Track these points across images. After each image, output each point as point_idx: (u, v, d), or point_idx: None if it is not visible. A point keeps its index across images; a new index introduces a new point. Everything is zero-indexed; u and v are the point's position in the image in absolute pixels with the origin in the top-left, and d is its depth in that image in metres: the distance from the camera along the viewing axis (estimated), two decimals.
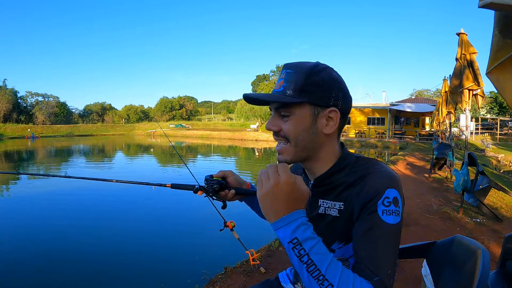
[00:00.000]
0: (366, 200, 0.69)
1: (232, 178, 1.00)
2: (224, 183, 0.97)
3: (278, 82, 0.75)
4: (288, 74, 0.74)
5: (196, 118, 68.88)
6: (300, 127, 0.73)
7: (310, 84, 0.72)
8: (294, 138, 0.74)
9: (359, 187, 0.71)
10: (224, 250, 4.01)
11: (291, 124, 0.74)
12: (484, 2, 0.89)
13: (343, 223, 0.74)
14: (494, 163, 10.74)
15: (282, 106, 0.73)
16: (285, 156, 0.77)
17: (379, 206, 0.67)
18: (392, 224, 0.67)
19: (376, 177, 0.70)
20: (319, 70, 0.73)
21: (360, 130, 27.07)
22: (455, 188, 4.38)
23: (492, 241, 3.32)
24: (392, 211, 0.67)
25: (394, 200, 0.68)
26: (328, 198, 0.78)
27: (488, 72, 1.24)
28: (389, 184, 0.69)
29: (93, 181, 1.21)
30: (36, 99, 51.33)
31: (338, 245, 0.77)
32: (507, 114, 33.51)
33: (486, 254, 0.89)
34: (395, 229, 0.67)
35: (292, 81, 0.73)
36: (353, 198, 0.72)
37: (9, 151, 22.20)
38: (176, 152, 17.11)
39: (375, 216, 0.67)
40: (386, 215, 0.67)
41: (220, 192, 0.97)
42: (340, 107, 0.75)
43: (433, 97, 42.33)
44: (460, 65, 5.02)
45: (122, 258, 3.98)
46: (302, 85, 0.72)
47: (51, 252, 4.24)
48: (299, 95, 0.72)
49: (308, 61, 0.76)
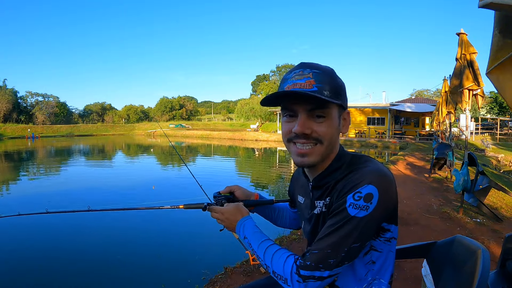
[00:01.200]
0: (341, 193, 0.71)
1: (239, 192, 1.05)
2: (231, 198, 1.03)
3: (305, 80, 0.72)
4: (317, 75, 0.73)
5: (196, 118, 68.87)
6: (334, 128, 0.76)
7: (339, 86, 0.75)
8: (328, 139, 0.75)
9: (342, 182, 0.73)
10: (224, 250, 4.01)
11: (327, 125, 0.74)
12: (484, 2, 0.89)
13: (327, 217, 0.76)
14: (494, 163, 10.74)
15: (319, 106, 0.73)
16: (314, 157, 0.76)
17: (348, 199, 0.69)
18: (353, 216, 0.68)
19: (359, 172, 0.71)
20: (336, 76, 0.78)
21: (360, 130, 27.07)
22: (455, 188, 4.38)
23: (492, 241, 3.32)
24: (359, 206, 0.68)
25: (366, 196, 0.68)
26: (321, 198, 0.81)
27: (488, 72, 1.24)
28: (369, 180, 0.69)
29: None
30: (36, 99, 51.33)
31: None
32: (507, 114, 33.51)
33: (486, 254, 0.89)
34: (355, 221, 0.67)
35: (325, 82, 0.72)
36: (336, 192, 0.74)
37: (9, 151, 22.20)
38: (176, 152, 17.10)
39: (342, 207, 0.69)
40: (351, 208, 0.68)
41: None
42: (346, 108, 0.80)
43: (433, 97, 42.33)
44: (460, 65, 5.02)
45: (122, 258, 3.99)
46: (336, 87, 0.74)
47: (51, 252, 4.24)
48: (336, 96, 0.74)
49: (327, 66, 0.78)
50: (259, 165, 14.52)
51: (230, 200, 1.02)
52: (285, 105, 0.76)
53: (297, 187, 0.98)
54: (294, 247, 3.31)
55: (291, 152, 0.80)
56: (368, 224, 0.68)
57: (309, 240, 0.88)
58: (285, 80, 0.76)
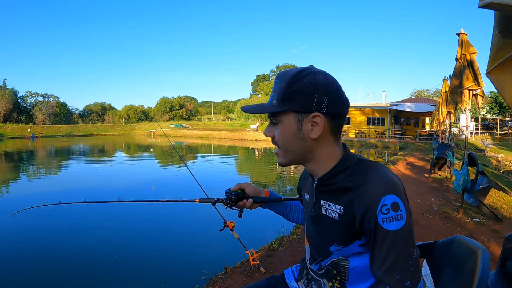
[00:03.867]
0: (365, 210, 0.70)
1: (250, 189, 1.08)
2: (241, 194, 1.06)
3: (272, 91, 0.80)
4: (276, 84, 0.78)
5: (196, 118, 68.86)
6: (287, 134, 0.77)
7: (291, 92, 0.74)
8: (283, 144, 0.78)
9: (358, 193, 0.72)
10: (224, 250, 4.01)
11: (280, 131, 0.78)
12: (484, 2, 0.89)
13: (343, 228, 0.75)
14: (494, 163, 10.74)
15: (271, 115, 0.78)
16: (280, 159, 0.82)
17: (378, 216, 0.68)
18: (396, 230, 0.67)
19: (374, 184, 0.70)
20: (302, 76, 0.74)
21: (360, 130, 27.07)
22: (455, 188, 4.38)
23: (492, 241, 3.32)
24: (392, 217, 0.67)
25: (392, 205, 0.68)
26: (328, 200, 0.79)
27: (488, 72, 1.24)
28: (386, 191, 0.69)
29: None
30: (36, 99, 51.34)
31: (336, 247, 0.77)
32: (507, 114, 33.51)
33: (486, 254, 0.89)
34: (400, 233, 0.67)
35: (276, 91, 0.76)
36: (353, 204, 0.72)
37: (9, 151, 22.20)
38: (176, 152, 17.11)
39: (377, 227, 0.68)
40: (387, 223, 0.67)
41: (238, 202, 1.06)
42: (325, 111, 0.73)
43: (433, 97, 42.32)
44: (460, 65, 5.01)
45: (122, 258, 3.99)
46: (284, 94, 0.75)
47: (51, 251, 4.24)
48: (281, 104, 0.75)
49: (298, 68, 0.76)
50: (259, 165, 14.52)
51: (240, 196, 1.05)
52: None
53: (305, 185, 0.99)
54: (294, 247, 3.31)
55: None
56: (409, 228, 0.69)
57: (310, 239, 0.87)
58: None
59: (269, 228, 4.27)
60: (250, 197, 1.06)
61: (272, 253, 3.21)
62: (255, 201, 1.06)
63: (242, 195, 1.06)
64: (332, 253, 0.79)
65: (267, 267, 2.85)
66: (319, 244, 0.82)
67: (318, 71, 0.75)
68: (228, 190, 1.08)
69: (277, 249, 3.28)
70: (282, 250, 3.27)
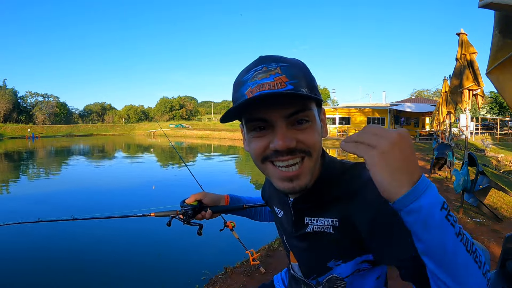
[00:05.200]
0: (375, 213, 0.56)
1: (207, 199, 0.98)
2: (198, 207, 0.96)
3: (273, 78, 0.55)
4: (286, 68, 0.56)
5: (196, 118, 68.89)
6: (318, 133, 0.59)
7: (314, 80, 0.60)
8: (317, 148, 0.59)
9: (357, 200, 0.60)
10: (224, 250, 4.01)
11: (312, 131, 0.58)
12: (484, 2, 0.89)
13: (342, 241, 0.64)
14: (494, 163, 10.74)
15: (301, 109, 0.56)
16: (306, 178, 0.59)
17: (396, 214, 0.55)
18: None
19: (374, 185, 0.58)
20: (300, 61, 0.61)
21: None
22: (455, 188, 4.38)
23: (492, 241, 3.32)
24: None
25: None
26: (315, 215, 0.66)
27: (488, 72, 1.24)
28: None
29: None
30: (36, 99, 51.40)
31: (335, 262, 0.67)
32: (507, 114, 33.51)
33: (486, 254, 0.89)
34: None
35: (300, 76, 0.56)
36: (352, 213, 0.60)
37: (9, 151, 22.19)
38: (176, 152, 17.11)
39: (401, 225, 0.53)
40: None
41: (196, 215, 0.97)
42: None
43: (433, 97, 42.34)
44: (460, 65, 5.02)
45: (122, 258, 3.98)
46: (312, 81, 0.59)
47: (51, 251, 4.24)
48: (314, 92, 0.58)
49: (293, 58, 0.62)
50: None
51: (196, 210, 0.96)
52: (251, 116, 0.57)
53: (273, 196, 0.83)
54: None
55: (270, 176, 0.61)
56: None
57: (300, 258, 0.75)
58: (243, 83, 0.58)
59: (269, 228, 4.25)
60: (209, 208, 0.97)
61: (272, 253, 3.21)
62: (214, 212, 0.97)
63: (200, 207, 0.97)
64: (332, 268, 0.67)
65: (267, 267, 2.85)
66: (314, 261, 0.70)
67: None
68: (182, 203, 0.97)
69: (277, 249, 3.29)
70: (282, 250, 3.27)
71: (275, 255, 3.15)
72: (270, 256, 3.12)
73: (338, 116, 28.47)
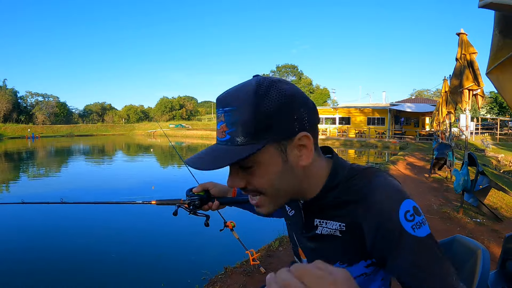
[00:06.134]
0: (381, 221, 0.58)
1: (215, 189, 0.97)
2: (205, 197, 0.95)
3: (219, 126, 0.58)
4: (227, 115, 0.56)
5: (196, 118, 68.89)
6: (272, 174, 0.58)
7: (263, 118, 0.54)
8: (270, 189, 0.60)
9: (364, 206, 0.61)
10: (224, 250, 4.01)
11: (259, 175, 0.58)
12: (484, 2, 0.89)
13: (348, 245, 0.65)
14: (494, 163, 10.74)
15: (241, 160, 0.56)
16: (265, 208, 0.63)
17: (404, 224, 0.57)
18: (428, 236, 0.58)
19: (382, 192, 0.60)
20: (265, 92, 0.55)
21: (360, 130, 27.08)
22: (455, 188, 4.39)
23: (492, 241, 3.32)
24: (420, 222, 0.58)
25: (414, 210, 0.58)
26: (324, 218, 0.67)
27: (488, 72, 1.24)
28: (400, 197, 0.59)
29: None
30: (36, 99, 51.40)
31: (340, 265, 0.67)
32: (507, 114, 33.52)
33: (486, 254, 0.89)
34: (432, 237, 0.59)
35: (237, 123, 0.55)
36: (359, 219, 0.61)
37: (9, 151, 22.19)
38: (176, 152, 17.11)
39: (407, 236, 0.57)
40: (417, 230, 0.57)
41: (203, 206, 0.96)
42: (308, 127, 0.58)
43: (433, 97, 42.36)
44: (460, 65, 5.02)
45: (122, 258, 3.99)
46: (254, 124, 0.54)
47: (51, 251, 4.24)
48: (254, 139, 0.55)
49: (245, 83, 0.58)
50: None
51: (204, 199, 0.94)
52: None
53: None
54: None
55: None
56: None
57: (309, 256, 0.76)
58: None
59: (269, 228, 4.27)
60: (216, 199, 0.96)
61: (272, 253, 3.21)
62: (221, 203, 0.96)
63: (207, 197, 0.95)
64: None
65: (267, 267, 2.85)
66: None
67: (277, 80, 0.58)
68: (189, 192, 0.95)
69: (277, 249, 3.29)
70: (282, 250, 3.27)
71: (275, 255, 3.15)
72: (270, 256, 3.12)
73: (338, 116, 28.49)
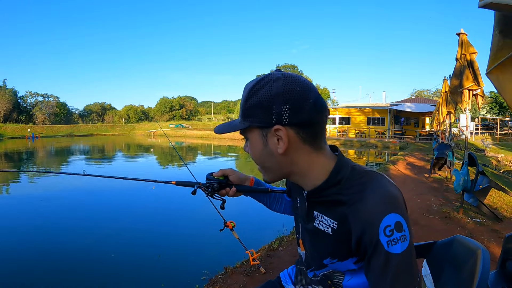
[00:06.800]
0: (364, 228, 0.63)
1: (234, 176, 1.01)
2: (224, 182, 0.98)
3: None
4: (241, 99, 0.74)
5: (196, 118, 68.89)
6: (257, 150, 0.73)
7: (249, 107, 0.69)
8: (256, 160, 0.76)
9: (355, 208, 0.65)
10: (224, 250, 4.01)
11: (250, 148, 0.75)
12: (484, 2, 0.89)
13: (337, 243, 0.70)
14: (494, 163, 10.74)
15: (241, 132, 0.74)
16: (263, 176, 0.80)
17: (381, 237, 0.61)
18: (400, 253, 0.61)
19: (373, 200, 0.64)
20: (258, 88, 0.68)
21: (360, 130, 27.07)
22: (455, 188, 4.39)
23: (492, 241, 3.32)
24: (397, 239, 0.61)
25: (396, 225, 0.62)
26: (322, 211, 0.73)
27: (488, 72, 1.24)
28: (387, 209, 0.62)
29: (94, 179, 1.22)
30: (36, 99, 51.36)
31: (331, 260, 0.73)
32: (507, 114, 33.52)
33: (486, 254, 0.89)
34: (405, 255, 0.62)
35: (240, 107, 0.73)
36: (349, 220, 0.66)
37: (9, 151, 22.19)
38: (176, 152, 17.12)
39: (380, 249, 0.62)
40: (391, 246, 0.61)
41: (221, 190, 0.99)
42: (287, 122, 0.66)
43: (433, 97, 42.35)
44: (460, 65, 5.02)
45: (122, 258, 3.99)
46: (244, 110, 0.71)
47: (51, 250, 4.24)
48: (244, 120, 0.71)
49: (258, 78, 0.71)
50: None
51: (223, 184, 0.97)
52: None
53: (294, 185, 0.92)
54: (294, 246, 3.31)
55: None
56: (412, 248, 0.64)
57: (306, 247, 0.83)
58: None
59: (269, 228, 4.27)
60: (234, 185, 1.00)
61: (272, 253, 3.21)
62: (239, 190, 1.00)
63: (226, 183, 0.98)
64: (327, 266, 0.74)
65: (267, 267, 2.85)
66: (313, 255, 0.78)
67: (278, 78, 0.67)
68: (209, 175, 0.99)
69: (277, 249, 3.29)
70: (282, 250, 3.27)
71: (275, 255, 3.15)
72: (270, 256, 3.12)
73: (338, 116, 28.46)
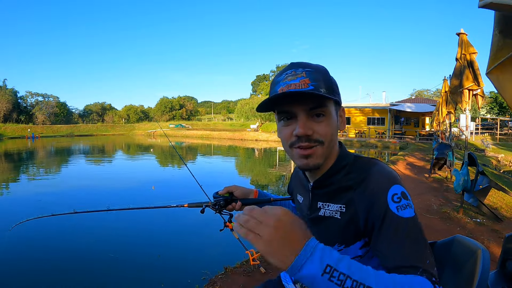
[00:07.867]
0: (372, 201, 0.68)
1: (238, 191, 1.07)
2: (229, 198, 1.05)
3: (299, 80, 0.70)
4: (310, 73, 0.71)
5: (196, 118, 68.90)
6: (333, 126, 0.74)
7: (333, 83, 0.75)
8: (329, 138, 0.73)
9: (360, 189, 0.70)
10: (224, 250, 4.01)
11: (326, 124, 0.72)
12: (484, 2, 0.89)
13: (345, 227, 0.73)
14: (494, 163, 10.74)
15: (318, 105, 0.70)
16: (318, 159, 0.73)
17: (390, 204, 0.66)
18: (410, 218, 0.65)
19: (377, 177, 0.70)
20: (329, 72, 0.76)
21: (360, 130, 27.06)
22: (455, 188, 4.38)
23: (492, 241, 3.32)
24: (405, 205, 0.66)
25: (402, 194, 0.67)
26: (327, 201, 0.77)
27: (488, 72, 1.24)
28: (392, 181, 0.68)
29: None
30: (36, 99, 51.35)
31: (338, 247, 0.75)
32: (507, 114, 33.51)
33: (486, 254, 0.89)
34: (415, 220, 0.66)
35: (320, 80, 0.71)
36: (355, 201, 0.71)
37: (9, 151, 22.19)
38: (176, 152, 17.11)
39: (391, 216, 0.65)
40: (401, 211, 0.65)
41: (227, 206, 1.06)
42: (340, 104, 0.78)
43: (433, 97, 42.34)
44: (460, 65, 5.01)
45: (122, 258, 3.98)
46: (330, 84, 0.73)
47: (50, 250, 4.24)
48: (331, 93, 0.72)
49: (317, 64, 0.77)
50: (259, 165, 14.51)
51: (228, 201, 1.03)
52: (281, 109, 0.73)
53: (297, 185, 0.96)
54: None
55: (293, 156, 0.75)
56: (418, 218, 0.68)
57: None
58: (277, 83, 0.73)
59: None
60: (239, 200, 1.05)
61: None
62: (244, 204, 1.05)
63: (231, 199, 1.04)
64: None
65: (267, 267, 2.85)
66: None
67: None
68: (215, 194, 1.06)
69: None
70: None
71: None
72: None
73: None
